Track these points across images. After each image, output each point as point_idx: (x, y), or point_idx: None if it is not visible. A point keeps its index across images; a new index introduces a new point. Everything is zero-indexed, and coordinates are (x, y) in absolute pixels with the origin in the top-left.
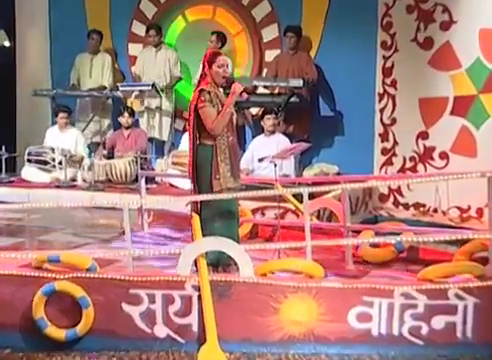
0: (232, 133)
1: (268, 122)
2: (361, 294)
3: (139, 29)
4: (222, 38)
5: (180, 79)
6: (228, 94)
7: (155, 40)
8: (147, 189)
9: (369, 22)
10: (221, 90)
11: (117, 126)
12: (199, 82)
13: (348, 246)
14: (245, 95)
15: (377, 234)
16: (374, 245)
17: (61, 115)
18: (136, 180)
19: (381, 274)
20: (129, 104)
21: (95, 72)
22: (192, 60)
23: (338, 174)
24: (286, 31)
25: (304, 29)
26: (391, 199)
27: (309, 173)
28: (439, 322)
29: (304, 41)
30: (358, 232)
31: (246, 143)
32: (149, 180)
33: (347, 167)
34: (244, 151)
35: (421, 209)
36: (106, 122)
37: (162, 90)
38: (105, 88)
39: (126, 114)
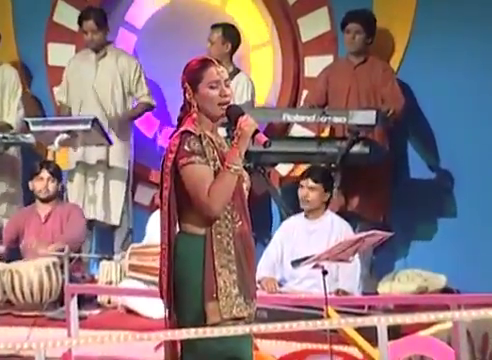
0: (242, 214)
1: (310, 193)
2: None
3: (68, 18)
4: (233, 35)
5: (151, 107)
6: (233, 138)
7: (95, 38)
8: (81, 319)
9: None
10: (221, 131)
11: (16, 198)
12: (180, 119)
13: None
14: (263, 137)
15: None
16: None
17: None
18: (61, 302)
19: None
20: (49, 156)
21: None
22: (169, 76)
23: (446, 291)
24: (346, 21)
25: (378, 18)
26: None
27: (390, 288)
28: None
29: (379, 40)
30: None
31: (271, 230)
32: (85, 301)
33: (463, 278)
34: (265, 245)
35: None
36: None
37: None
38: (10, 128)
39: (45, 173)
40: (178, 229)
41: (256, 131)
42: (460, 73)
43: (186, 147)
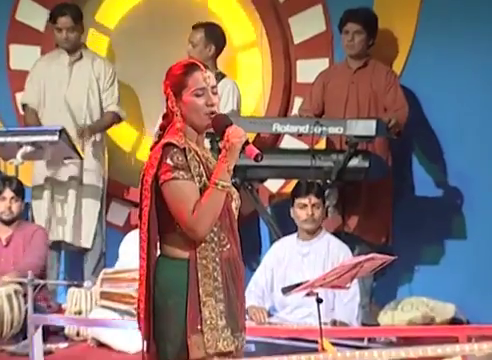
0: (230, 236)
1: (315, 210)
2: None
3: (34, 16)
4: (216, 36)
5: (119, 118)
6: (219, 151)
7: (70, 37)
8: (46, 353)
9: None
10: (206, 143)
11: None
12: (162, 129)
13: None
14: (254, 150)
15: None
16: None
17: None
18: (24, 334)
19: None
20: (10, 171)
21: None
22: (146, 81)
23: (455, 321)
24: (345, 21)
25: (380, 17)
26: None
27: (392, 318)
28: None
29: (381, 42)
30: None
31: (260, 253)
32: (51, 333)
33: (473, 307)
34: (253, 270)
35: None
36: None
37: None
38: None
39: (8, 192)
40: (159, 252)
41: (246, 143)
42: (470, 77)
43: (169, 161)
